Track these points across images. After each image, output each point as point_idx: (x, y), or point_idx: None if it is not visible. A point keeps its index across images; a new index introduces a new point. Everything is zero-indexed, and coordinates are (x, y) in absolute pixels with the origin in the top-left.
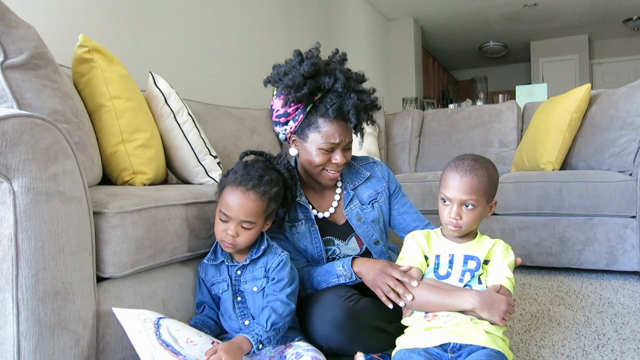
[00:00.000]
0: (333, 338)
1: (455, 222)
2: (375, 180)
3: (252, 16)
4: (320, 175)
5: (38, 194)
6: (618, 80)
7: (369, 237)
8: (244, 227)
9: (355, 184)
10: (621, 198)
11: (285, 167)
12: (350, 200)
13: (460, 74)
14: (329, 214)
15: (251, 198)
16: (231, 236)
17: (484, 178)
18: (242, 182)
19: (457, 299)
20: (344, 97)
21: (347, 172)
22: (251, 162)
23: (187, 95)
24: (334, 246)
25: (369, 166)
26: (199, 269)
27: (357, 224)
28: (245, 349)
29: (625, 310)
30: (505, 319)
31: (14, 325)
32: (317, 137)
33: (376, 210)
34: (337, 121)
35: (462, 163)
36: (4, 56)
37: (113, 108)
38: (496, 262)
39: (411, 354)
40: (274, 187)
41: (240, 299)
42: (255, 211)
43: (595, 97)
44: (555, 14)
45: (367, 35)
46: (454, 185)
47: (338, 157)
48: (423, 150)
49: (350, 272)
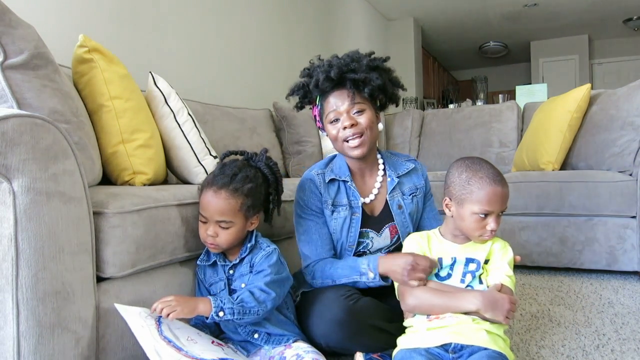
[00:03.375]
0: (333, 337)
1: (494, 233)
2: (416, 176)
3: (252, 16)
4: (344, 148)
5: (38, 194)
6: (618, 80)
7: (404, 228)
8: (222, 227)
9: (399, 173)
10: (621, 198)
11: (265, 163)
12: (394, 187)
13: (460, 74)
14: (369, 200)
15: (222, 197)
16: (211, 237)
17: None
18: (214, 182)
19: (460, 301)
20: (320, 70)
21: (391, 161)
22: (229, 162)
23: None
24: (368, 239)
25: (412, 161)
26: (197, 270)
27: (397, 212)
28: (202, 308)
29: (625, 310)
30: (509, 317)
31: (14, 325)
32: (325, 114)
33: (414, 205)
34: (331, 92)
35: (493, 174)
36: (4, 56)
37: (113, 108)
38: (496, 260)
39: (412, 354)
40: (248, 183)
41: None
42: (228, 209)
43: (595, 97)
44: (555, 14)
45: (367, 35)
46: (496, 199)
47: (346, 122)
48: (423, 150)
49: (375, 272)
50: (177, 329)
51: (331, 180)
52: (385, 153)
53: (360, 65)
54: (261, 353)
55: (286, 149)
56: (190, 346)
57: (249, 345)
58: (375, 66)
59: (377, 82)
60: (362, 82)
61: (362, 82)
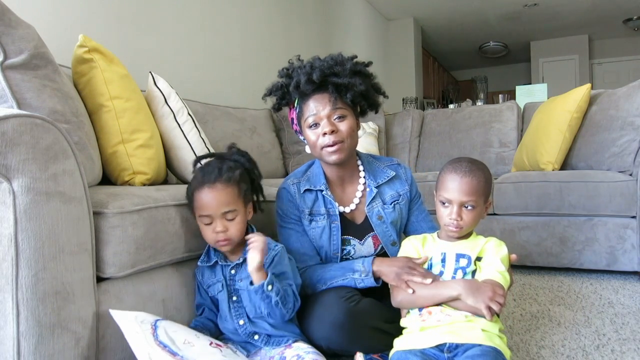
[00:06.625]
0: (333, 339)
1: (457, 223)
2: (398, 182)
3: (252, 16)
4: (322, 154)
5: (38, 194)
6: (618, 80)
7: (387, 238)
8: (228, 219)
9: (378, 182)
10: (621, 198)
11: (237, 152)
12: (373, 198)
13: (460, 74)
14: (349, 210)
15: (219, 188)
16: (222, 232)
17: (482, 179)
18: (206, 180)
19: (443, 288)
20: (301, 72)
21: (371, 169)
22: (205, 163)
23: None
24: (350, 246)
25: (394, 167)
26: (196, 271)
27: (377, 222)
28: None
29: (625, 311)
30: (493, 307)
31: (14, 325)
32: (303, 118)
33: (396, 212)
34: (311, 95)
35: (459, 165)
36: (4, 56)
37: (113, 108)
38: (488, 257)
39: (407, 355)
40: (236, 170)
41: (236, 299)
42: (230, 198)
43: (595, 97)
44: (555, 14)
45: (367, 35)
46: (454, 187)
47: (326, 127)
48: (423, 150)
49: (368, 269)
50: (174, 332)
51: (307, 190)
52: (366, 159)
53: (344, 69)
54: (261, 353)
55: (286, 149)
56: (186, 350)
57: (249, 346)
58: (359, 71)
59: (360, 87)
60: (345, 87)
61: (345, 87)
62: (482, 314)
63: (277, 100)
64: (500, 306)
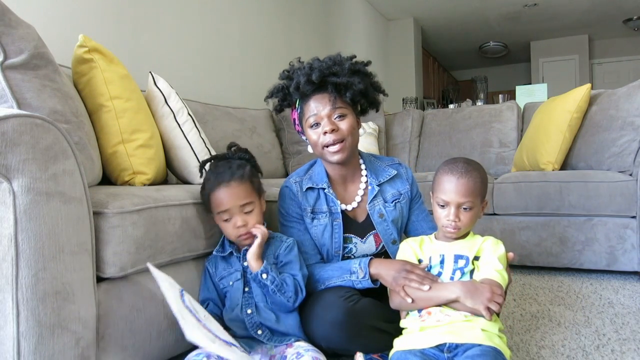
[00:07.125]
0: (333, 338)
1: (455, 225)
2: (399, 181)
3: (252, 16)
4: (324, 153)
5: (38, 194)
6: (618, 80)
7: (387, 236)
8: (247, 212)
9: (380, 180)
10: (621, 198)
11: (238, 149)
12: (375, 196)
13: (460, 74)
14: (351, 208)
15: (235, 185)
16: (243, 226)
17: (478, 179)
18: (220, 180)
19: (441, 291)
20: (301, 73)
21: (372, 168)
22: (211, 165)
23: (187, 95)
24: (351, 244)
25: (395, 166)
26: (207, 264)
27: (379, 220)
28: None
29: (625, 311)
30: (492, 307)
31: (14, 325)
32: (304, 118)
33: (397, 211)
34: (311, 96)
35: (455, 166)
36: (4, 56)
37: (113, 108)
38: (486, 256)
39: (407, 355)
40: (245, 167)
41: (247, 290)
42: (246, 192)
43: (595, 97)
44: (555, 14)
45: (367, 35)
46: (451, 188)
47: (327, 126)
48: (423, 150)
49: (365, 271)
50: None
51: (309, 188)
52: (368, 158)
53: (343, 68)
54: (263, 351)
55: (286, 149)
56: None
57: (252, 342)
58: (357, 70)
59: (359, 86)
60: (344, 86)
61: (344, 86)
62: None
63: (278, 102)
64: (499, 306)
